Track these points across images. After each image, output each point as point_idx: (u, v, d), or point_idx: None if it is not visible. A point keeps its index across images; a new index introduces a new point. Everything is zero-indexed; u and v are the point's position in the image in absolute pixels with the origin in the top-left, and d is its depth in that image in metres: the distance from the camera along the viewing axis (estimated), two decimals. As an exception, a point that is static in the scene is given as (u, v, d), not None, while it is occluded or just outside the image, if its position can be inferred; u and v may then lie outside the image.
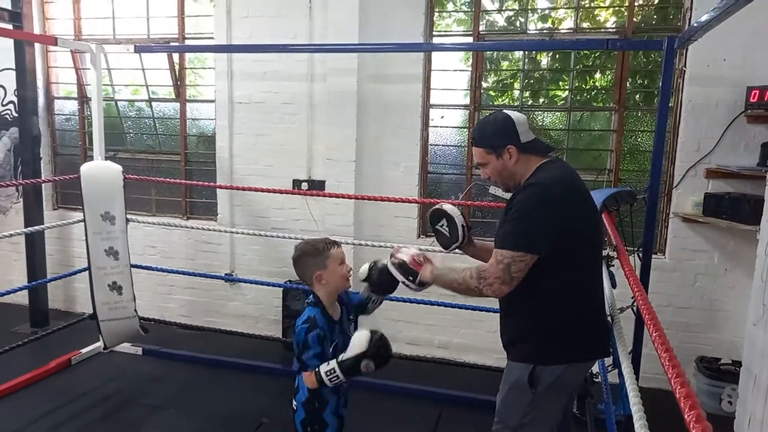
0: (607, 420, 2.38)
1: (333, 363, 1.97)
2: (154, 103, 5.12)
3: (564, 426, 2.25)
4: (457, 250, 2.43)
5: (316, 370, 1.99)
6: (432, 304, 3.83)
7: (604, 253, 2.96)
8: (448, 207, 2.34)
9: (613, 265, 2.98)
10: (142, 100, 5.19)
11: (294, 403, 2.16)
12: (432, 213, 2.38)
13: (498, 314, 2.20)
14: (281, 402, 3.72)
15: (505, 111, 2.09)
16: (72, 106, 5.39)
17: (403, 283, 2.18)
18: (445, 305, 3.81)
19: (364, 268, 2.24)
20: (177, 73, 4.94)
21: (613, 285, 2.74)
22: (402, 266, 2.18)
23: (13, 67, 4.84)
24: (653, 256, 3.32)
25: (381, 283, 2.21)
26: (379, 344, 1.98)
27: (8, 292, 4.10)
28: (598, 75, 4.42)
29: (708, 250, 3.97)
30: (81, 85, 5.25)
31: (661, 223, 4.07)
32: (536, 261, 1.90)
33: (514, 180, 2.09)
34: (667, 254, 4.06)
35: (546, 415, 2.05)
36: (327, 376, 1.97)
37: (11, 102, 5.27)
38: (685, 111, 3.90)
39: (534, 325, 2.03)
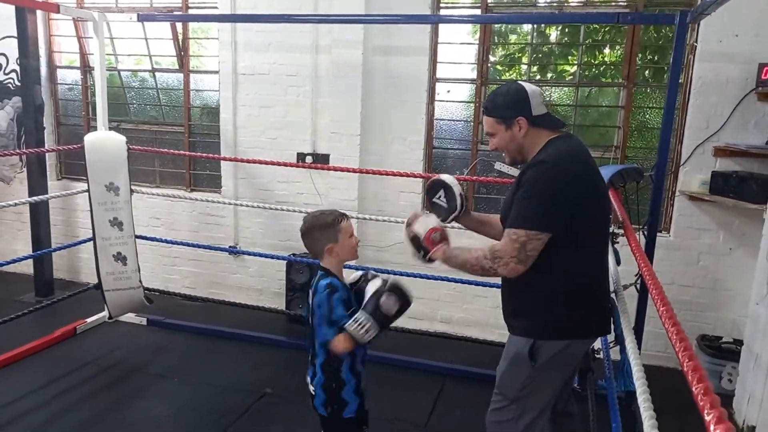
0: (608, 395, 2.40)
1: (357, 313, 1.96)
2: (157, 74, 5.07)
3: (564, 400, 2.27)
4: (455, 223, 2.42)
5: (344, 328, 1.95)
6: (434, 279, 3.84)
7: (610, 230, 2.95)
8: (445, 176, 2.35)
9: (617, 242, 2.97)
10: (145, 71, 5.13)
11: (312, 388, 2.15)
12: (429, 185, 2.39)
13: (500, 289, 2.20)
14: (284, 373, 3.78)
15: (519, 82, 2.07)
16: (75, 75, 5.35)
17: (413, 254, 2.23)
18: (448, 280, 3.83)
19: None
20: (180, 43, 4.88)
21: (618, 262, 2.73)
22: (415, 240, 2.19)
23: (15, 35, 4.78)
24: (658, 234, 3.31)
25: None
26: (393, 282, 2.00)
27: (13, 261, 4.13)
28: (607, 50, 4.35)
29: (713, 229, 3.95)
30: (83, 55, 5.20)
31: (667, 201, 4.04)
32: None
33: (521, 153, 2.08)
34: (672, 232, 4.04)
35: (544, 389, 2.07)
36: (357, 327, 1.93)
37: (13, 71, 5.22)
38: (694, 88, 3.84)
39: (537, 300, 2.03)
